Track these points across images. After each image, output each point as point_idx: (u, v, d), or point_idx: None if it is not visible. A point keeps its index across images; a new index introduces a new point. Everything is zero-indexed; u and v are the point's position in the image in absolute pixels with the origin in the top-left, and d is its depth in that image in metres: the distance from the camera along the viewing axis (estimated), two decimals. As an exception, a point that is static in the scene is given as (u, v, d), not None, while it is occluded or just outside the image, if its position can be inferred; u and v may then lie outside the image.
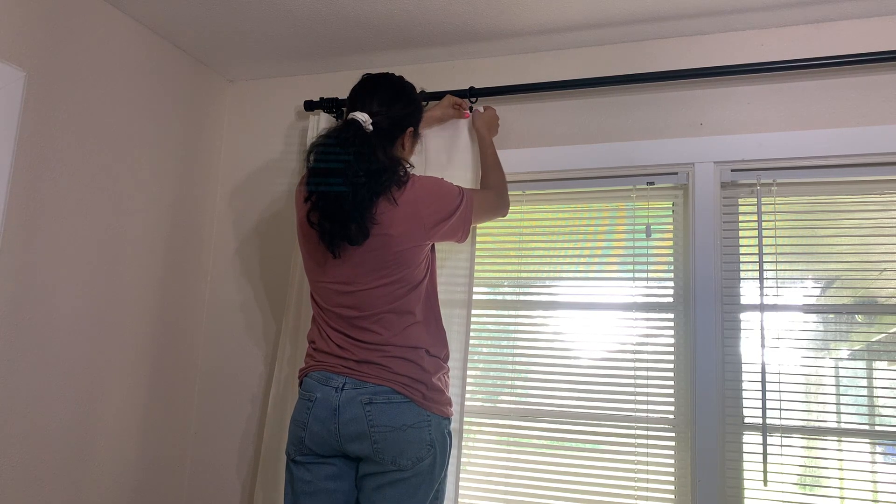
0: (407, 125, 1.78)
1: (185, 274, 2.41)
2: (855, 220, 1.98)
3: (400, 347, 1.64)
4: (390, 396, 1.60)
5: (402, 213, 1.65)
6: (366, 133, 1.67)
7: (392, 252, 1.64)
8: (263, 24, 2.19)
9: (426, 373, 1.65)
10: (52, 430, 1.91)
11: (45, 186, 1.89)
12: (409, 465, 1.59)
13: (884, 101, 1.96)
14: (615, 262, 2.16)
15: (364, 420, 1.59)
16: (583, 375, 2.12)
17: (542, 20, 2.09)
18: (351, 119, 1.69)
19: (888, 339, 1.91)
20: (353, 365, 1.64)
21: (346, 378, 1.63)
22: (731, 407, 1.98)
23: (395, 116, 1.74)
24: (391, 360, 1.63)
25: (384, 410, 1.59)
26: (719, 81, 2.09)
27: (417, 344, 1.66)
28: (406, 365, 1.63)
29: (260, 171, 2.55)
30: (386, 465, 1.59)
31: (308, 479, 1.66)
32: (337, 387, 1.62)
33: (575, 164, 2.17)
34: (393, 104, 1.74)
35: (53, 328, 1.92)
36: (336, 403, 1.61)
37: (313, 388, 1.65)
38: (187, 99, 2.42)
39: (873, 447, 1.87)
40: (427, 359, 1.67)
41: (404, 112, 1.77)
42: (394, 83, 1.79)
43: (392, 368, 1.62)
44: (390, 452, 1.59)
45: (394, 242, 1.63)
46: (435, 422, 1.64)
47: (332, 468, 1.65)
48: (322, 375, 1.66)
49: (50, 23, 1.90)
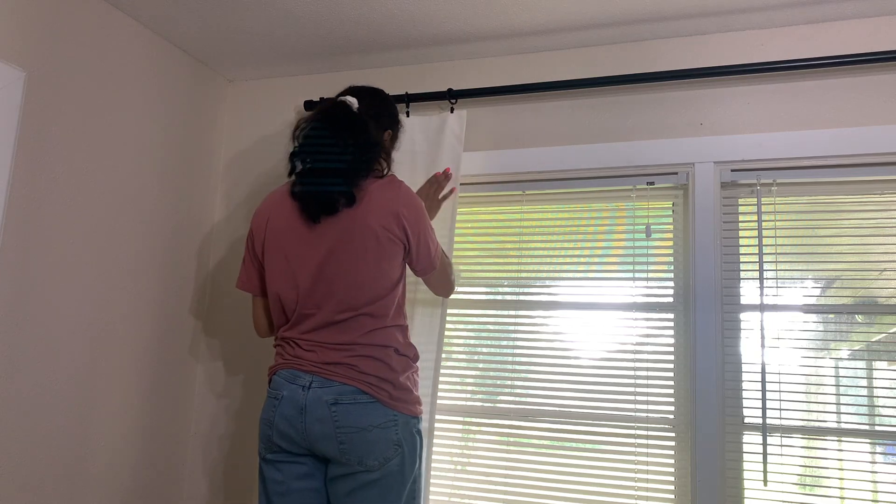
0: (388, 125, 1.83)
1: (184, 274, 2.41)
2: (855, 220, 1.98)
3: (368, 346, 1.63)
4: (356, 396, 1.60)
5: (381, 203, 1.66)
6: (354, 111, 1.71)
7: (370, 239, 1.64)
8: (263, 24, 2.19)
9: (394, 372, 1.64)
10: (52, 430, 1.91)
11: (44, 186, 1.89)
12: (377, 465, 1.59)
13: (884, 101, 1.96)
14: (615, 262, 2.16)
15: (330, 421, 1.58)
16: (583, 375, 2.12)
17: (542, 20, 2.09)
18: (339, 100, 1.74)
19: (888, 339, 1.91)
20: (320, 364, 1.63)
21: (314, 376, 1.62)
22: (731, 407, 1.98)
23: (379, 110, 1.80)
24: (358, 359, 1.62)
25: (350, 411, 1.59)
26: (719, 81, 2.09)
27: (386, 343, 1.65)
28: (373, 364, 1.63)
29: (260, 171, 2.55)
30: (353, 465, 1.59)
31: (279, 479, 1.66)
32: (304, 385, 1.62)
33: (575, 164, 2.17)
34: (374, 104, 1.81)
35: (53, 328, 1.92)
36: (303, 402, 1.61)
37: (280, 386, 1.65)
38: (187, 99, 2.42)
39: (873, 447, 1.87)
40: (395, 357, 1.66)
41: (387, 111, 1.83)
42: (376, 90, 1.87)
43: (359, 367, 1.61)
44: (356, 453, 1.58)
45: (371, 232, 1.64)
46: (402, 421, 1.63)
47: (302, 467, 1.66)
48: (290, 374, 1.65)
49: (50, 23, 1.90)
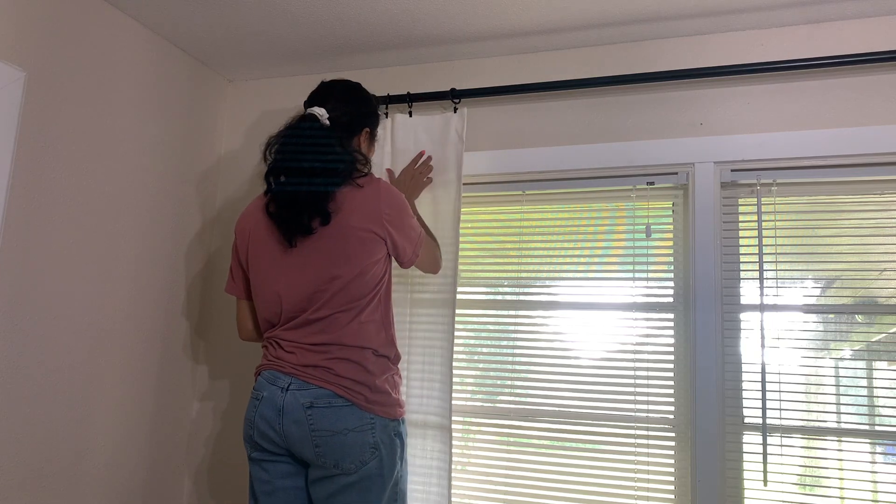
0: (363, 125, 1.83)
1: (184, 274, 2.41)
2: (855, 220, 1.98)
3: (345, 348, 1.64)
4: (332, 400, 1.60)
5: (362, 204, 1.67)
6: (322, 126, 1.71)
7: (352, 240, 1.65)
8: (263, 24, 2.19)
9: (370, 375, 1.64)
10: (51, 430, 1.91)
11: (45, 186, 1.89)
12: (353, 468, 1.59)
13: (884, 101, 1.96)
14: (615, 262, 2.16)
15: (305, 424, 1.59)
16: (583, 375, 2.12)
17: (542, 20, 2.09)
18: (308, 113, 1.74)
19: (888, 339, 1.91)
20: (299, 366, 1.64)
21: (292, 378, 1.63)
22: (731, 407, 1.98)
23: (351, 114, 1.79)
24: (335, 361, 1.63)
25: (325, 414, 1.59)
26: (719, 81, 2.09)
27: (364, 344, 1.65)
28: (349, 367, 1.63)
29: (260, 171, 2.55)
30: (329, 468, 1.59)
31: (266, 478, 1.67)
32: (283, 387, 1.63)
33: (575, 164, 2.17)
34: (348, 103, 1.80)
35: (53, 327, 1.91)
36: (281, 404, 1.62)
37: (262, 387, 1.67)
38: (187, 99, 2.42)
39: (873, 447, 1.87)
40: (373, 359, 1.66)
41: (360, 111, 1.82)
42: (349, 85, 1.85)
43: (335, 371, 1.62)
44: (332, 456, 1.58)
45: (353, 233, 1.65)
46: (380, 424, 1.62)
47: (286, 466, 1.67)
48: (271, 375, 1.67)
49: (50, 23, 1.90)
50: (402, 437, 1.68)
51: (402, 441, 1.68)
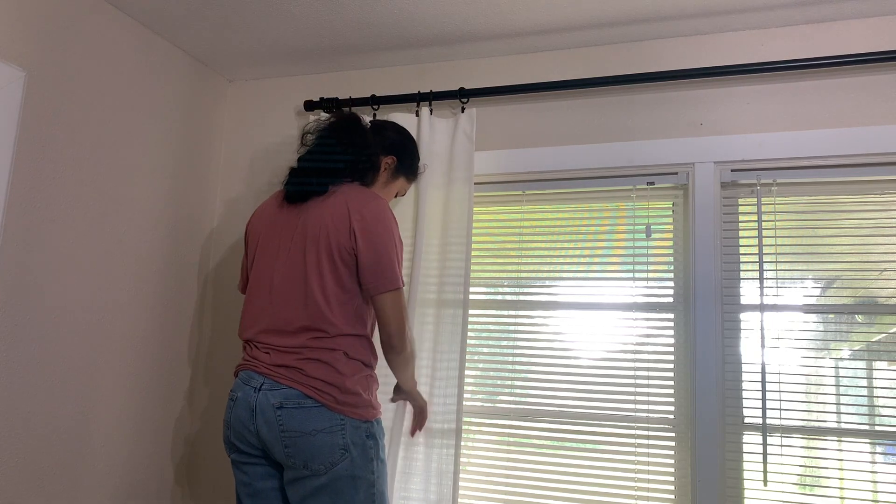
0: (392, 151, 1.90)
1: (184, 274, 2.41)
2: (855, 220, 1.98)
3: (317, 350, 1.64)
4: (301, 401, 1.60)
5: (343, 204, 1.70)
6: (363, 127, 1.76)
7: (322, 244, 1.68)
8: (263, 24, 2.19)
9: (341, 376, 1.63)
10: (51, 430, 1.91)
11: (45, 186, 1.89)
12: (323, 469, 1.58)
13: (884, 101, 1.96)
14: (615, 262, 2.16)
15: (275, 424, 1.59)
16: (583, 375, 2.12)
17: (542, 20, 2.09)
18: (354, 113, 1.82)
19: (888, 339, 1.91)
20: (272, 366, 1.65)
21: (266, 378, 1.64)
22: (731, 407, 1.98)
23: (384, 136, 1.91)
24: (305, 362, 1.63)
25: (294, 415, 1.59)
26: (719, 81, 2.09)
27: (335, 346, 1.65)
28: (320, 368, 1.63)
29: (260, 171, 2.55)
30: (299, 469, 1.59)
31: (246, 481, 1.69)
32: (256, 387, 1.64)
33: (575, 164, 2.17)
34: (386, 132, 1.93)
35: (53, 327, 1.91)
36: (254, 404, 1.63)
37: (237, 388, 1.68)
38: (187, 99, 2.42)
39: (873, 447, 1.87)
40: (344, 361, 1.65)
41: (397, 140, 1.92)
42: (398, 125, 1.98)
43: (306, 371, 1.62)
44: (301, 457, 1.58)
45: (324, 233, 1.68)
46: (351, 425, 1.61)
47: (264, 468, 1.68)
48: (247, 375, 1.68)
49: (50, 23, 1.90)
50: (375, 438, 1.66)
51: (376, 442, 1.66)
